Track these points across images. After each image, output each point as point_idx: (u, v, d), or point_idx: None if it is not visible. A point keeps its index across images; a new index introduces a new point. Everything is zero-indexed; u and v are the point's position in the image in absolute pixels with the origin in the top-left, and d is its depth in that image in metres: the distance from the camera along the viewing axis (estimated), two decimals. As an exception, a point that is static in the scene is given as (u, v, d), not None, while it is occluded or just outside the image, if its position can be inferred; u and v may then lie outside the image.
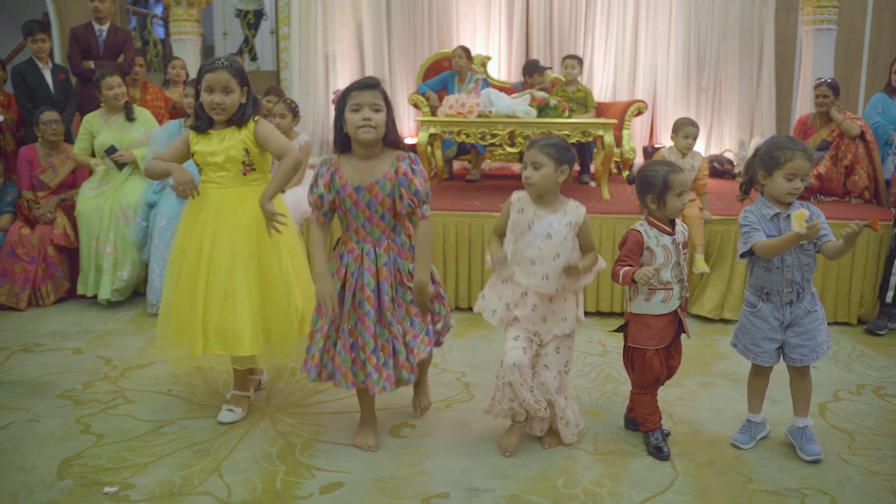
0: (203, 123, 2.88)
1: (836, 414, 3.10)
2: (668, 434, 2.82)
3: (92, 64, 5.72)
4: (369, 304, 2.61)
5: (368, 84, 2.57)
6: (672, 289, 2.65)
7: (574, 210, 2.63)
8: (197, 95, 2.86)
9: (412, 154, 2.66)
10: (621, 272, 2.60)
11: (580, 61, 6.55)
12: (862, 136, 5.06)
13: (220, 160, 2.86)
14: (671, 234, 2.66)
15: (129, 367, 3.56)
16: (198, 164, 2.93)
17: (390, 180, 2.59)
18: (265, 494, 2.43)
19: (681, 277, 2.67)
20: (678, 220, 2.72)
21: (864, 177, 5.00)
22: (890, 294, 4.22)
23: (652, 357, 2.69)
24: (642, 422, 2.79)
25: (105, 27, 5.85)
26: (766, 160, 2.63)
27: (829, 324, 2.74)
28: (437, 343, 2.80)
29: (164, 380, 3.38)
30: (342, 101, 2.59)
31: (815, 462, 2.66)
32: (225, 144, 2.86)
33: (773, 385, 3.05)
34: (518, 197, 2.69)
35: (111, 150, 4.66)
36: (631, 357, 2.76)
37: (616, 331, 2.84)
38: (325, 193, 2.63)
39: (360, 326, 2.63)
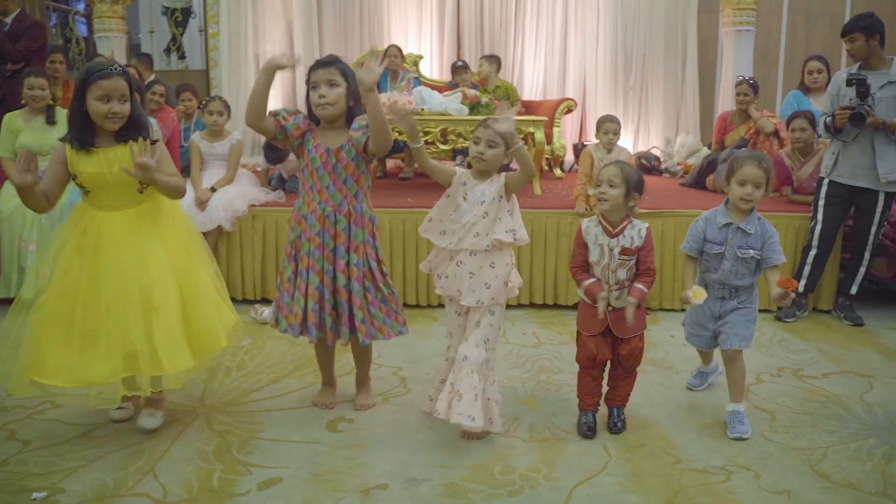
0: (86, 136, 2.61)
1: (759, 395, 3.24)
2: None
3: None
4: (328, 264, 2.81)
5: (323, 62, 2.74)
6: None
7: (498, 178, 2.76)
8: (78, 102, 2.59)
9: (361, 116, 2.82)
10: (578, 282, 2.83)
11: (490, 59, 6.67)
12: (776, 133, 5.31)
13: (112, 182, 2.63)
14: (612, 236, 2.74)
15: (55, 371, 3.45)
16: (83, 187, 2.66)
17: (354, 146, 2.76)
18: (202, 493, 2.40)
19: (608, 280, 2.75)
20: (635, 228, 2.75)
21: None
22: (801, 284, 4.42)
23: (586, 339, 2.82)
24: (579, 399, 2.89)
25: (10, 18, 5.67)
26: (727, 171, 2.90)
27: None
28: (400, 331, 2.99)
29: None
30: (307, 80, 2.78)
31: (739, 440, 2.79)
32: (116, 165, 2.61)
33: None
34: (464, 172, 2.84)
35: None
36: (576, 336, 2.92)
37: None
38: (289, 126, 2.78)
39: (321, 286, 2.82)
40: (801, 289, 4.42)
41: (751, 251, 2.83)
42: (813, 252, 4.37)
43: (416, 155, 2.79)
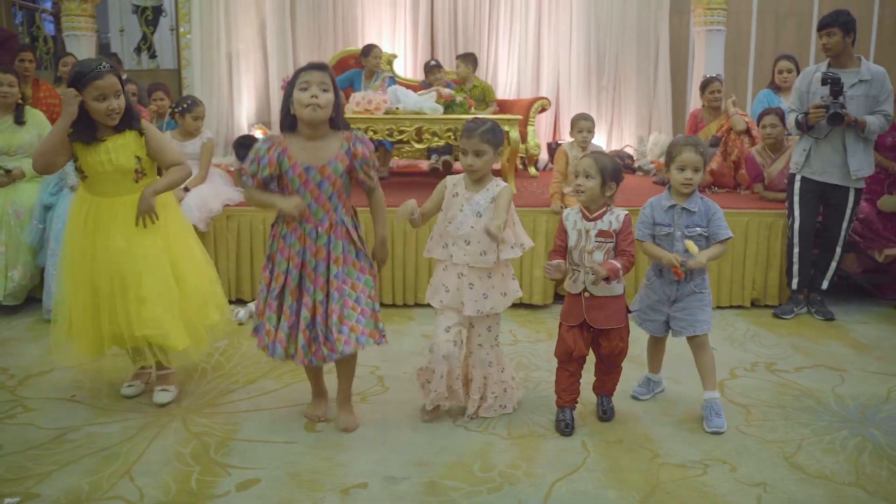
0: (92, 132, 2.82)
1: (733, 390, 3.28)
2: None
3: None
4: (310, 282, 2.70)
5: (317, 65, 2.67)
6: (578, 270, 2.80)
7: (494, 186, 2.80)
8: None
9: (358, 132, 2.78)
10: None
11: (465, 59, 6.66)
12: (748, 131, 5.37)
13: (110, 170, 2.84)
14: (590, 220, 2.79)
15: (27, 375, 3.40)
16: (82, 171, 2.87)
17: (342, 161, 2.68)
18: (180, 495, 2.38)
19: (583, 263, 2.78)
20: (613, 214, 2.80)
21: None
22: (794, 281, 4.48)
23: (565, 331, 2.85)
24: (557, 395, 2.91)
25: None
26: (665, 157, 2.97)
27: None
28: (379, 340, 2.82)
29: (66, 386, 3.25)
30: (292, 82, 2.66)
31: (715, 434, 2.83)
32: (114, 154, 2.84)
33: (678, 366, 3.23)
34: (453, 181, 2.85)
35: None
36: (558, 328, 2.94)
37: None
38: (269, 174, 2.66)
39: (302, 305, 2.71)
40: (794, 286, 4.48)
41: (697, 229, 2.91)
42: (796, 249, 4.43)
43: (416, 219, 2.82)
